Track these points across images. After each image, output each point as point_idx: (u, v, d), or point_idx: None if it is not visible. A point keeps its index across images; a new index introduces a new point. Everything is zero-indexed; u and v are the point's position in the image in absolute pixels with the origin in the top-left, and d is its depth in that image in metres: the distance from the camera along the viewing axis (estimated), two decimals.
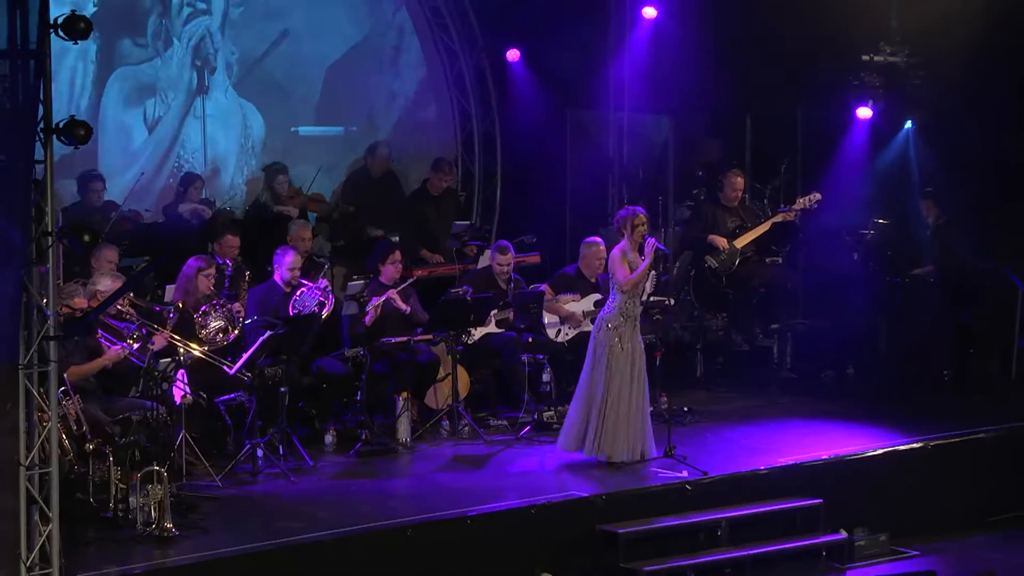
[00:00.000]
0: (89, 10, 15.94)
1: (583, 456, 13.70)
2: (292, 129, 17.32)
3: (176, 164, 16.57)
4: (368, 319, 14.22)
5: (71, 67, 15.92)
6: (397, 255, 14.70)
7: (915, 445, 14.45)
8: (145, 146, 16.48)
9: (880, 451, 14.30)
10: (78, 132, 10.78)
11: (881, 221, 17.20)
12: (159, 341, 12.78)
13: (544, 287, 15.23)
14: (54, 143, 10.69)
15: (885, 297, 16.95)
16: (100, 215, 14.98)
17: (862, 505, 13.69)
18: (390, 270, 14.52)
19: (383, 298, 14.30)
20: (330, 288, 14.41)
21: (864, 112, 17.24)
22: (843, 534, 13.34)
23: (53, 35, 10.59)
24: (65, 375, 11.83)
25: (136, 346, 12.60)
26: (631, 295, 13.42)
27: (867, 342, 16.93)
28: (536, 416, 14.59)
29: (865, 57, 17.22)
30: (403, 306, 14.45)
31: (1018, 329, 16.97)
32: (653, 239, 13.68)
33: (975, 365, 16.82)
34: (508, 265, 15.19)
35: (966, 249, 16.68)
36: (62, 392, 11.56)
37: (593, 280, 14.91)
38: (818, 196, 16.63)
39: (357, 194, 17.02)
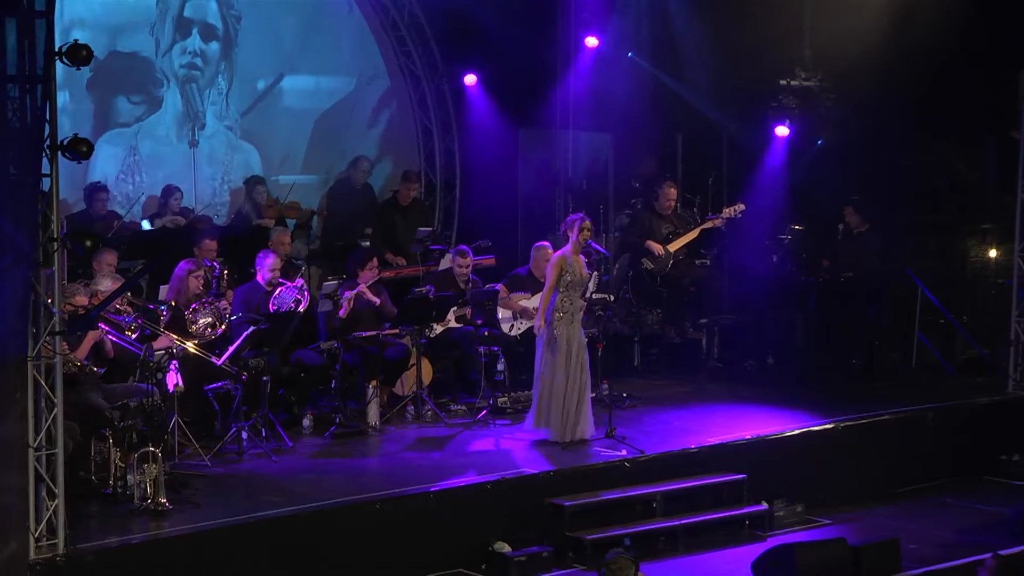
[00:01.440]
0: (84, 74, 15.77)
1: (534, 437, 13.76)
2: (272, 178, 17.18)
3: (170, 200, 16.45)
4: (343, 312, 14.21)
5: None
6: (375, 261, 14.71)
7: (827, 426, 14.53)
8: (138, 188, 16.40)
9: (796, 432, 14.35)
10: (80, 149, 10.79)
11: (797, 228, 17.30)
12: (163, 342, 12.75)
13: (499, 286, 15.24)
14: (60, 160, 10.70)
15: (801, 295, 17.04)
16: (103, 222, 14.96)
17: (781, 480, 13.74)
18: (368, 274, 14.48)
19: (355, 291, 14.29)
20: (306, 287, 14.37)
21: (782, 131, 17.35)
22: (764, 505, 13.41)
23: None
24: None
25: (134, 336, 12.58)
26: (567, 293, 13.47)
27: (785, 335, 17.06)
28: (492, 401, 14.57)
29: (782, 82, 17.33)
30: (374, 299, 14.43)
31: (917, 323, 17.07)
32: (595, 244, 13.75)
33: (880, 355, 16.92)
34: (467, 267, 15.22)
35: (875, 252, 16.79)
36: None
37: (542, 280, 14.92)
38: (742, 207, 16.72)
39: (340, 201, 17.04)
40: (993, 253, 17.21)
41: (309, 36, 17.39)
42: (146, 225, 15.68)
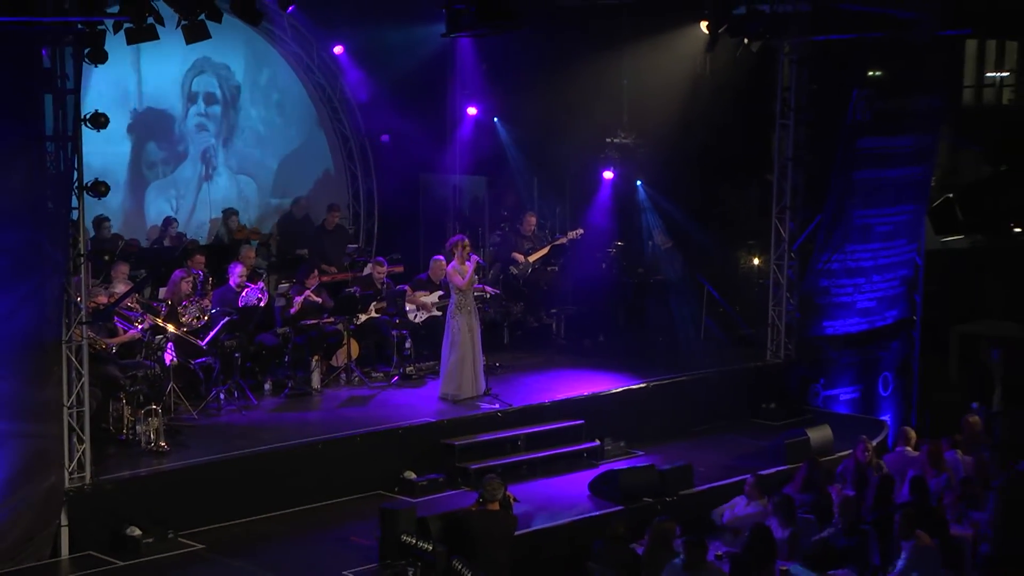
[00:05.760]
0: (127, 121, 15.72)
1: (434, 396, 13.79)
2: (268, 200, 17.17)
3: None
4: (293, 310, 14.20)
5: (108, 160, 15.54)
6: (316, 272, 14.68)
7: (641, 385, 14.66)
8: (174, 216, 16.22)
9: (619, 389, 14.48)
10: (100, 189, 10.83)
11: (619, 244, 17.46)
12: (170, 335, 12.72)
13: (406, 287, 15.26)
14: (86, 197, 10.68)
15: (623, 292, 17.21)
16: (110, 244, 14.75)
17: (608, 424, 13.81)
18: (312, 281, 14.42)
19: (304, 296, 14.26)
20: (265, 288, 14.31)
21: (608, 175, 17.46)
22: (597, 442, 13.50)
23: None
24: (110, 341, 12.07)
25: (140, 327, 12.52)
26: (463, 294, 13.58)
27: (611, 320, 17.15)
28: (402, 370, 14.57)
29: (608, 139, 17.44)
30: (317, 299, 14.43)
31: (704, 311, 17.27)
32: (476, 256, 13.88)
33: (679, 334, 16.98)
34: (383, 273, 15.23)
35: (674, 261, 17.03)
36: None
37: (437, 283, 15.02)
38: (580, 230, 16.87)
39: (287, 228, 16.91)
40: (756, 261, 17.38)
41: (282, 107, 17.33)
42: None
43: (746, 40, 15.09)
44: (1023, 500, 10.72)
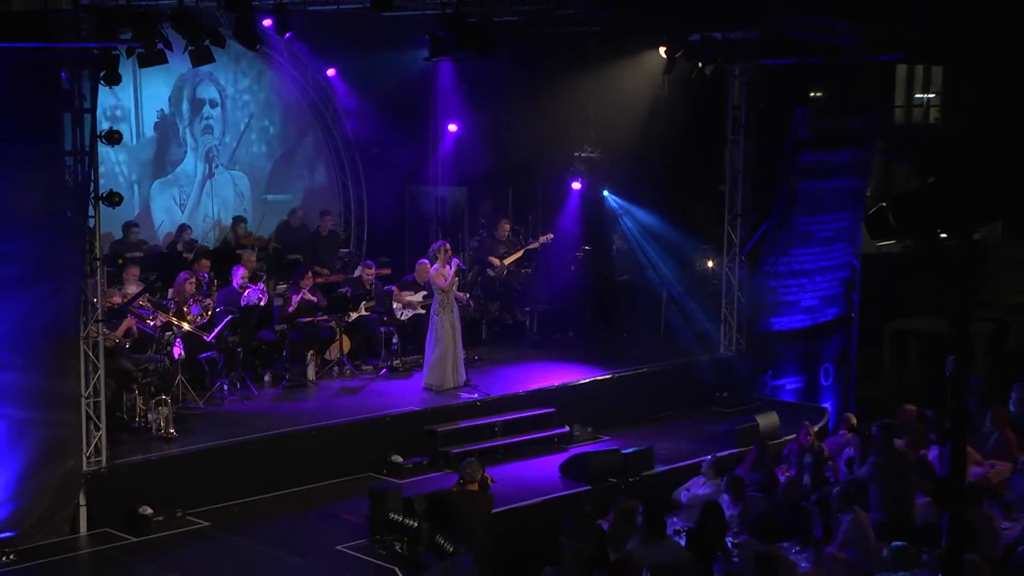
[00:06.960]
0: (150, 129, 15.70)
1: (418, 387, 13.83)
2: (264, 196, 17.09)
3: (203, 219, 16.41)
4: (291, 308, 14.22)
5: (131, 166, 15.61)
6: (310, 274, 14.68)
7: (607, 376, 14.70)
8: (182, 215, 16.16)
9: (587, 380, 14.52)
10: (114, 199, 10.82)
11: (587, 248, 17.51)
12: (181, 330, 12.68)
13: (393, 287, 15.30)
14: (101, 207, 10.67)
15: (590, 291, 17.25)
16: (136, 248, 14.72)
17: (577, 411, 13.86)
18: (307, 282, 14.45)
19: (300, 296, 14.29)
20: (265, 289, 14.31)
21: (576, 185, 17.50)
22: (566, 428, 13.55)
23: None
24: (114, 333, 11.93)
25: (152, 323, 12.51)
26: (446, 294, 13.62)
27: (580, 317, 17.16)
28: (389, 363, 14.61)
29: (577, 153, 17.50)
30: (313, 299, 14.45)
31: (664, 309, 17.33)
32: (457, 260, 13.93)
33: (641, 328, 17.03)
34: (372, 275, 15.25)
35: (638, 263, 17.10)
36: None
37: (422, 284, 15.04)
38: (551, 236, 16.88)
39: (284, 236, 16.87)
40: (710, 264, 17.43)
41: (277, 118, 17.22)
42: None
43: (700, 64, 15.22)
44: (896, 475, 10.82)
